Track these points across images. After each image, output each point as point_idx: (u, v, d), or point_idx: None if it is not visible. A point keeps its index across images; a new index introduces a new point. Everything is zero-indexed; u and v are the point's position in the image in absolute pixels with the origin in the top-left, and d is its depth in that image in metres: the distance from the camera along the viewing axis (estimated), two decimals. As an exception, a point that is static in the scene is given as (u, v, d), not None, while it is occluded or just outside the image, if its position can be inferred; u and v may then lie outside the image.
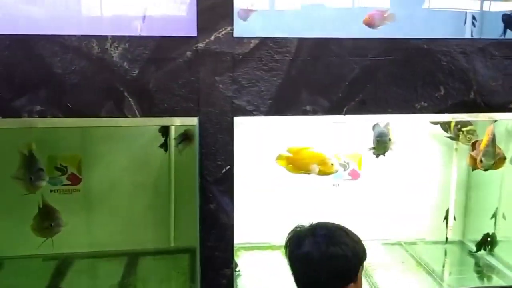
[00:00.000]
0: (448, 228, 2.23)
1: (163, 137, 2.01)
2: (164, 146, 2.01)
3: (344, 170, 2.24)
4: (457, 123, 2.05)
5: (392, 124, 1.92)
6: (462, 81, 1.62)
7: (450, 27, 2.01)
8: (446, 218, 2.23)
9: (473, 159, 1.85)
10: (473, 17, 1.99)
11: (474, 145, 1.90)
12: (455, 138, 2.07)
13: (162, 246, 2.10)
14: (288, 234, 1.19)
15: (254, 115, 1.56)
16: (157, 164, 2.07)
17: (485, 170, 1.90)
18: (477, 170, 1.95)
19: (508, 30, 1.69)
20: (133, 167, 2.08)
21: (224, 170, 1.59)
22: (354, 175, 2.26)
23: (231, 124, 1.56)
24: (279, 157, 1.79)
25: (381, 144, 1.76)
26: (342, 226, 1.20)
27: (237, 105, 1.55)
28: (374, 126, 1.83)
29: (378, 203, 2.26)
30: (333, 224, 1.20)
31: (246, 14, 1.74)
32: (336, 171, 1.75)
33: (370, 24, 1.61)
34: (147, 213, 2.10)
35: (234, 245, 1.62)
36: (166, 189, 2.06)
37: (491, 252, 2.15)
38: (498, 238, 2.17)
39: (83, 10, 1.77)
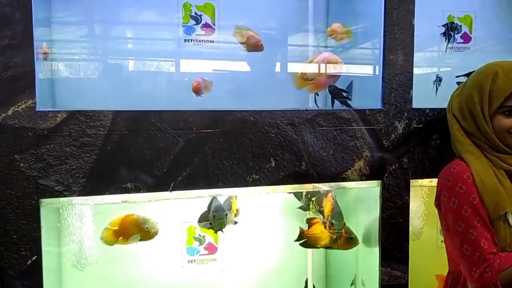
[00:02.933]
0: (309, 299, 2.16)
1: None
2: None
3: (200, 244, 2.11)
4: (307, 193, 2.02)
5: (241, 196, 1.85)
6: (293, 152, 1.60)
7: (294, 97, 2.03)
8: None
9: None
10: (316, 87, 2.03)
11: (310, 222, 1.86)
12: (306, 208, 2.03)
13: None
14: None
15: (65, 195, 1.40)
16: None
17: (338, 232, 1.86)
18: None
19: (336, 101, 1.73)
20: None
21: (29, 262, 1.38)
22: (211, 249, 2.13)
23: (37, 208, 1.37)
24: (104, 234, 1.61)
25: (217, 220, 1.66)
26: None
27: (44, 186, 1.38)
28: (211, 201, 1.73)
29: (237, 277, 2.14)
30: None
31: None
32: (156, 233, 1.60)
33: (197, 91, 1.56)
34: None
35: None
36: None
37: (350, 322, 2.10)
38: (358, 306, 2.12)
39: None
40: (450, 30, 2.16)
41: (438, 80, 2.08)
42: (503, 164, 1.42)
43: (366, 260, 1.92)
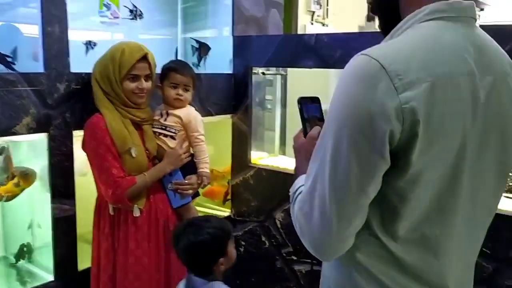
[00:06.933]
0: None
1: None
2: None
3: None
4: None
5: None
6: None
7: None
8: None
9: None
10: None
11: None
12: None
13: None
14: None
15: None
16: None
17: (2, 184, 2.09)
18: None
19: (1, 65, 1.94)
20: None
21: None
22: None
23: None
24: None
25: None
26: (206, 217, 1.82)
27: None
28: None
29: None
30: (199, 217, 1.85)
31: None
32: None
33: None
34: None
35: None
36: None
37: (29, 260, 2.40)
38: (36, 246, 2.43)
39: None
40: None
41: (91, 43, 2.52)
42: (129, 115, 2.00)
43: (40, 202, 2.24)
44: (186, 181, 2.08)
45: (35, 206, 2.42)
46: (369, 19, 6.64)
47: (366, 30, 6.37)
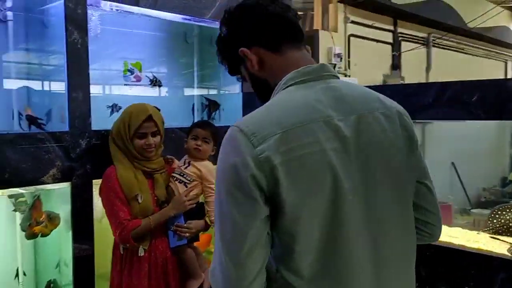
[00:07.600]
0: (20, 284, 2.65)
1: None
2: None
3: None
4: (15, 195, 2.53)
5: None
6: (-3, 165, 2.12)
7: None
8: (17, 275, 2.64)
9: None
10: (20, 114, 2.57)
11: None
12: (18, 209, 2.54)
13: None
14: None
15: None
16: None
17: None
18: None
19: (33, 126, 2.33)
20: None
21: None
22: None
23: None
24: None
25: None
26: None
27: None
28: None
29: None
30: None
31: None
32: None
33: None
34: None
35: None
36: None
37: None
38: (63, 283, 2.74)
39: None
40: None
41: (117, 107, 2.91)
42: (141, 167, 2.30)
43: (65, 243, 2.56)
44: (186, 225, 2.33)
45: (62, 247, 2.74)
46: (395, 67, 6.85)
47: (391, 78, 6.56)
